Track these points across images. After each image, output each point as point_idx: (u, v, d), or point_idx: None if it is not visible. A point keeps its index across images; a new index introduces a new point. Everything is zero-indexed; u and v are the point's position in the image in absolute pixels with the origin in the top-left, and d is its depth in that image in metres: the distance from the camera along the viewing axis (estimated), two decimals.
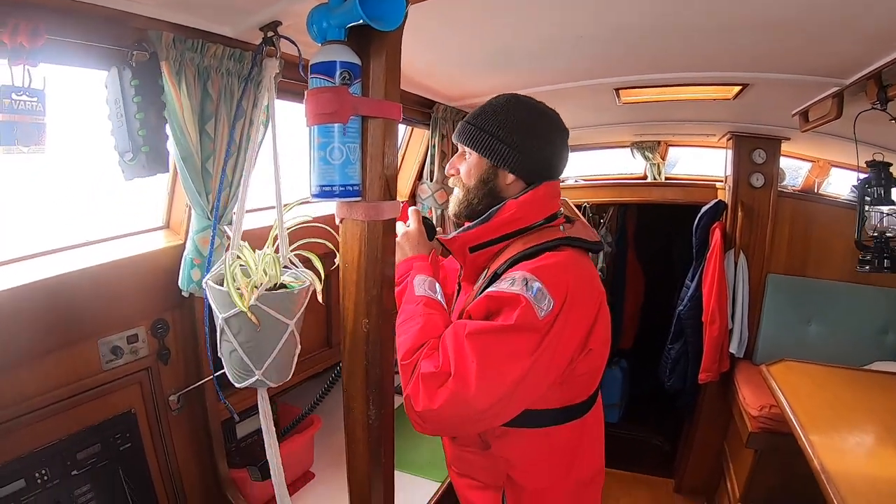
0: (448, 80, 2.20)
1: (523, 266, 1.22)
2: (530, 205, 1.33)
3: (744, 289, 3.29)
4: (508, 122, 1.34)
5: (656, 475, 3.88)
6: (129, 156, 1.19)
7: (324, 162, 1.04)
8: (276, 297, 1.06)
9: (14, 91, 0.99)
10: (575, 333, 1.23)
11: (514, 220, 1.32)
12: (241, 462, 1.79)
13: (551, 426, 1.34)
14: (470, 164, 1.39)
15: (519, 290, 1.16)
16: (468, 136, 1.37)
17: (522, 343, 1.15)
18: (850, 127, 2.17)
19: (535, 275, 1.18)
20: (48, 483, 1.34)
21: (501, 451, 1.35)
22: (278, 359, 1.09)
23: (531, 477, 1.37)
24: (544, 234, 1.32)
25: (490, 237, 1.34)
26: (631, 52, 1.88)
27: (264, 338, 1.06)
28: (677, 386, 3.59)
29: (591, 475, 1.47)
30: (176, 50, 1.19)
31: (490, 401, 1.13)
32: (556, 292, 1.17)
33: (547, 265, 1.21)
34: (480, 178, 1.37)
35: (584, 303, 1.23)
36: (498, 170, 1.36)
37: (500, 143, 1.33)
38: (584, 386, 1.36)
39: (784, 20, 1.50)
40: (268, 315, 1.04)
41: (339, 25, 1.03)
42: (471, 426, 1.22)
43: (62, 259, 1.45)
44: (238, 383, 1.10)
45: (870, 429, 2.09)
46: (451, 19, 1.49)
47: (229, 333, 1.05)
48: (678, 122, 3.35)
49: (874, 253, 2.33)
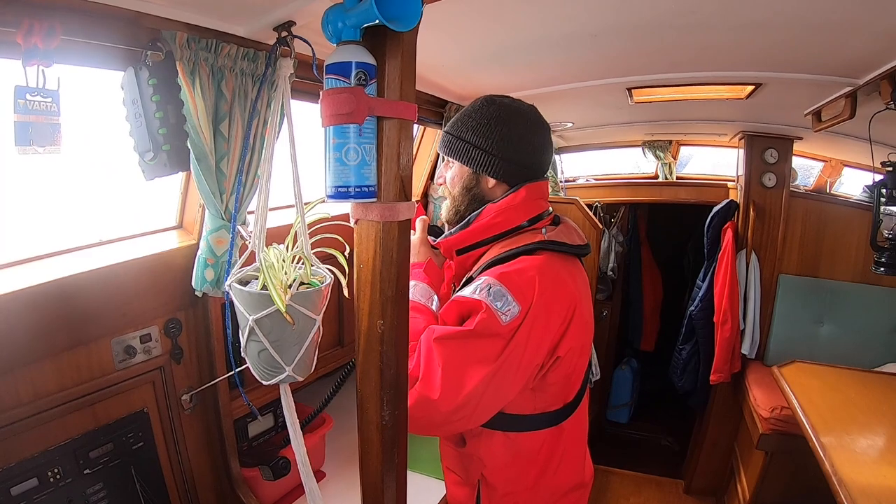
0: (460, 79, 2.19)
1: (492, 272, 1.25)
2: (509, 209, 1.35)
3: (755, 289, 3.28)
4: (482, 127, 1.35)
5: (666, 476, 3.88)
6: (149, 155, 1.20)
7: (339, 163, 1.03)
8: (307, 294, 1.07)
9: (28, 92, 0.99)
10: (543, 340, 1.24)
11: (492, 224, 1.35)
12: (253, 461, 1.79)
13: (523, 431, 1.35)
14: (454, 173, 1.43)
15: (481, 297, 1.19)
16: (447, 146, 1.41)
17: (485, 348, 1.18)
18: (863, 127, 2.16)
19: (501, 280, 1.21)
20: (61, 482, 1.34)
21: (475, 449, 1.38)
22: (305, 354, 1.11)
23: (502, 479, 1.39)
24: (523, 237, 1.34)
25: (471, 242, 1.38)
26: (644, 52, 1.87)
27: (295, 335, 1.07)
28: (688, 386, 3.58)
29: (569, 487, 1.46)
30: (190, 50, 1.19)
31: (454, 404, 1.17)
32: (521, 298, 1.19)
33: (514, 271, 1.23)
34: (464, 185, 1.41)
35: (552, 309, 1.24)
36: (479, 176, 1.38)
37: (476, 149, 1.35)
38: (557, 394, 1.36)
39: (797, 19, 1.49)
40: (299, 313, 1.05)
41: (355, 26, 1.03)
42: (441, 428, 1.26)
43: (76, 259, 1.46)
44: (266, 381, 1.11)
45: (881, 431, 2.07)
46: (462, 19, 1.48)
47: (260, 334, 1.05)
48: (690, 122, 3.34)
49: (889, 254, 2.31)
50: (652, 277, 4.97)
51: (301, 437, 1.22)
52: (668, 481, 3.83)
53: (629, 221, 4.64)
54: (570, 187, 4.09)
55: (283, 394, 1.19)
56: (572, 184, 4.17)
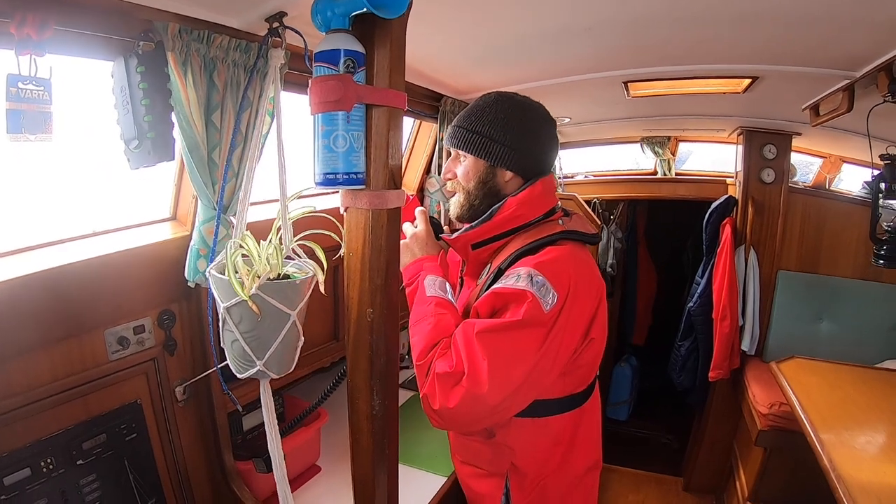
0: (455, 73, 2.19)
1: (526, 262, 1.25)
2: (530, 201, 1.37)
3: (754, 285, 3.26)
4: (499, 121, 1.36)
5: (665, 473, 3.87)
6: (134, 143, 1.20)
7: (328, 150, 1.04)
8: (277, 286, 1.06)
9: (20, 80, 1.00)
10: (578, 324, 1.26)
11: (514, 217, 1.36)
12: (247, 454, 1.79)
13: (552, 415, 1.38)
14: (467, 167, 1.42)
15: (525, 286, 1.19)
16: (462, 140, 1.40)
17: (530, 338, 1.18)
18: (862, 122, 2.15)
19: (539, 270, 1.22)
20: (54, 472, 1.34)
21: (505, 439, 1.39)
22: (280, 350, 1.09)
23: (533, 464, 1.41)
24: (544, 228, 1.36)
25: (492, 234, 1.38)
26: (640, 45, 1.87)
27: (266, 328, 1.06)
28: (687, 383, 3.57)
29: (589, 464, 1.50)
30: (182, 41, 1.19)
31: (502, 396, 1.17)
32: (559, 286, 1.21)
33: (549, 259, 1.25)
34: (479, 179, 1.40)
35: (585, 294, 1.27)
36: (496, 169, 1.39)
37: (494, 143, 1.36)
38: (584, 376, 1.40)
39: (794, 11, 1.49)
40: (269, 305, 1.04)
41: (343, 14, 1.03)
42: (486, 421, 1.26)
43: (70, 249, 1.46)
44: (240, 374, 1.11)
45: (880, 427, 2.06)
46: (457, 12, 1.48)
47: (231, 323, 1.05)
48: (688, 117, 3.33)
49: (889, 247, 2.30)
50: (647, 273, 4.98)
51: (278, 437, 1.22)
52: (667, 479, 3.82)
53: (628, 218, 4.63)
54: (569, 183, 4.08)
55: (262, 390, 1.19)
56: (571, 180, 4.17)
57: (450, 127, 1.44)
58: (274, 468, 1.24)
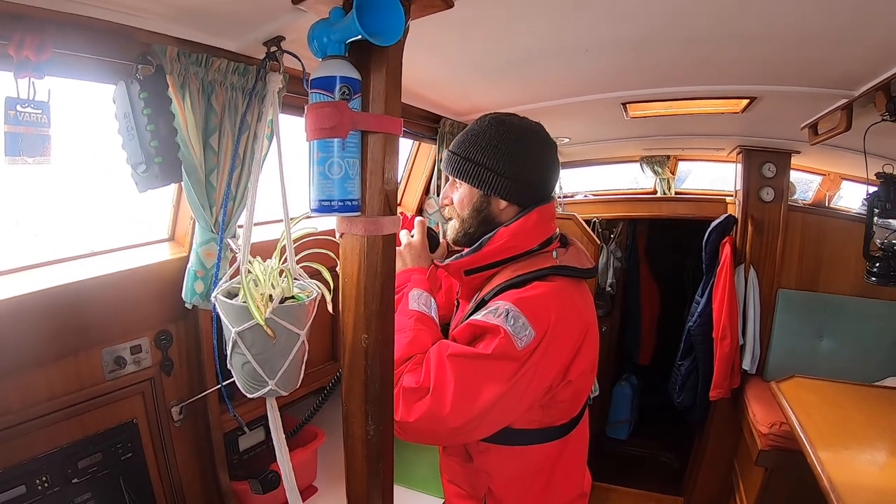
0: (454, 94, 2.20)
1: (508, 296, 1.25)
2: (522, 233, 1.35)
3: (754, 304, 3.26)
4: (492, 148, 1.34)
5: (665, 493, 3.85)
6: (142, 167, 1.21)
7: (323, 177, 1.04)
8: (289, 308, 1.07)
9: (19, 103, 1.00)
10: (554, 364, 1.24)
11: (506, 248, 1.34)
12: (243, 475, 1.79)
13: (532, 445, 1.36)
14: (462, 195, 1.40)
15: (499, 322, 1.19)
16: (455, 167, 1.39)
17: (499, 370, 1.18)
18: (860, 139, 2.15)
19: (518, 306, 1.21)
20: (48, 490, 1.34)
21: (483, 464, 1.38)
22: (289, 368, 1.10)
23: (510, 491, 1.39)
24: (536, 261, 1.33)
25: (482, 263, 1.37)
26: (638, 66, 1.88)
27: (278, 349, 1.07)
28: (687, 402, 3.55)
29: (573, 495, 1.48)
30: (180, 64, 1.20)
31: (463, 420, 1.17)
32: (537, 324, 1.20)
33: (531, 297, 1.24)
34: (473, 207, 1.39)
35: (566, 334, 1.25)
36: (490, 198, 1.37)
37: (488, 171, 1.34)
38: (565, 410, 1.36)
39: (790, 32, 1.49)
40: (281, 327, 1.05)
41: (339, 41, 1.04)
42: (444, 440, 1.29)
43: (68, 269, 1.47)
44: (250, 394, 1.11)
45: (881, 446, 2.05)
46: (456, 33, 1.49)
47: (242, 346, 1.05)
48: (687, 137, 3.33)
49: (882, 265, 2.31)
50: (650, 292, 4.96)
51: (287, 453, 1.22)
52: (667, 498, 3.79)
53: (628, 237, 4.63)
54: (569, 203, 4.08)
55: (269, 408, 1.19)
56: (570, 199, 4.17)
57: (446, 152, 1.43)
58: (285, 482, 1.24)
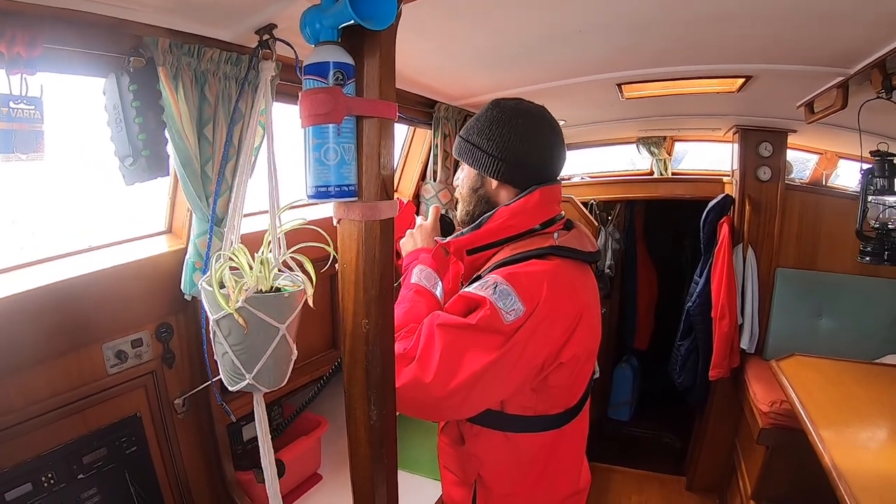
0: (448, 78, 2.19)
1: (500, 271, 1.25)
2: (523, 212, 1.35)
3: (753, 283, 3.27)
4: (484, 130, 1.37)
5: (667, 473, 3.87)
6: (129, 160, 1.20)
7: (319, 163, 1.04)
8: (264, 299, 1.05)
9: (12, 100, 1.00)
10: (545, 343, 1.23)
11: (504, 227, 1.35)
12: (248, 464, 1.79)
13: (523, 433, 1.35)
14: (464, 175, 1.46)
15: (486, 294, 1.20)
16: (456, 148, 1.45)
17: (484, 341, 1.19)
18: (856, 117, 2.14)
19: (508, 280, 1.22)
20: (55, 487, 1.34)
21: (473, 448, 1.38)
22: (270, 364, 1.08)
23: (500, 479, 1.39)
24: (535, 241, 1.34)
25: (483, 242, 1.38)
26: (632, 47, 1.87)
27: (254, 341, 1.05)
28: (687, 383, 3.57)
29: (569, 492, 1.47)
30: (173, 55, 1.20)
31: (446, 390, 1.18)
32: (527, 299, 1.20)
33: (524, 272, 1.24)
34: (471, 187, 1.43)
35: (557, 314, 1.23)
36: (483, 178, 1.40)
37: (480, 151, 1.37)
38: (560, 397, 1.35)
39: (786, 9, 1.48)
40: (256, 318, 1.03)
41: (332, 26, 1.03)
42: (429, 411, 1.27)
43: (66, 264, 1.46)
44: (231, 387, 1.10)
45: (882, 423, 2.07)
46: (449, 17, 1.48)
47: (220, 336, 1.05)
48: (683, 117, 3.33)
49: (875, 244, 2.31)
50: (647, 275, 4.97)
51: (271, 451, 1.22)
52: (669, 478, 3.82)
53: (625, 219, 4.63)
54: (566, 185, 4.08)
55: (255, 403, 1.18)
56: (567, 182, 4.16)
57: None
58: (266, 481, 1.24)
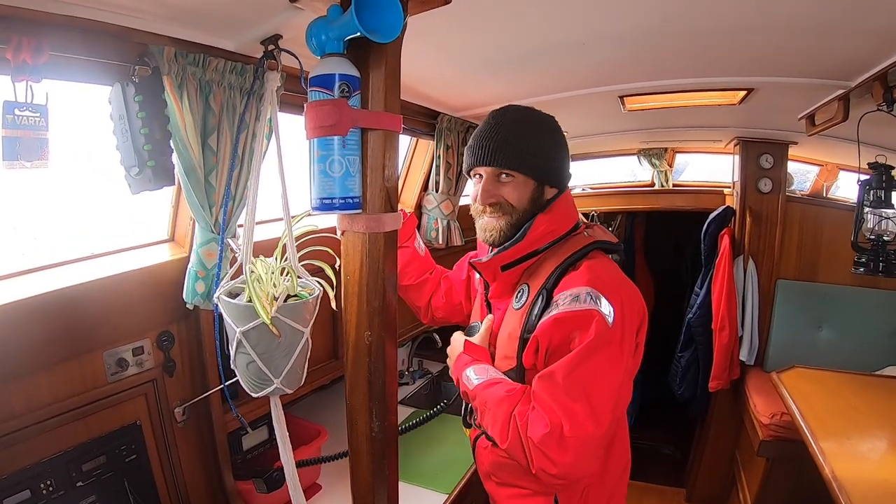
0: (451, 90, 2.20)
1: (576, 280, 1.24)
2: (558, 216, 1.36)
3: (753, 295, 3.27)
4: (539, 138, 1.36)
5: (667, 485, 3.85)
6: (135, 170, 1.20)
7: (324, 175, 1.04)
8: (294, 307, 1.07)
9: (17, 107, 1.00)
10: (633, 331, 1.26)
11: (547, 233, 1.34)
12: (247, 474, 1.79)
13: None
14: (518, 188, 1.35)
15: (589, 306, 1.18)
16: (510, 159, 1.33)
17: (608, 358, 1.17)
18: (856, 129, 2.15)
19: (593, 286, 1.21)
20: (53, 494, 1.33)
21: None
22: (294, 366, 1.11)
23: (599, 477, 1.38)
24: (571, 242, 1.34)
25: (523, 254, 1.35)
26: (634, 59, 1.88)
27: (282, 347, 1.07)
28: (688, 394, 3.57)
29: (621, 467, 1.48)
30: (178, 64, 1.20)
31: (606, 423, 1.16)
32: (613, 298, 1.20)
33: (598, 275, 1.24)
34: (531, 198, 1.36)
35: (632, 301, 1.27)
36: (544, 187, 1.37)
37: (542, 160, 1.35)
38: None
39: (787, 23, 1.49)
40: (286, 325, 1.06)
41: (338, 38, 1.04)
42: (600, 453, 1.21)
43: (68, 272, 1.46)
44: (255, 393, 1.12)
45: (882, 435, 2.06)
46: (453, 29, 1.49)
47: (247, 346, 1.06)
48: (684, 129, 3.34)
49: (870, 255, 2.30)
50: (645, 286, 4.95)
51: (291, 451, 1.22)
52: (669, 490, 3.79)
53: (625, 230, 4.63)
54: None
55: (273, 406, 1.19)
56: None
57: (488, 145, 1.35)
58: (288, 480, 1.24)
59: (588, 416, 1.12)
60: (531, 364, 1.27)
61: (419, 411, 1.57)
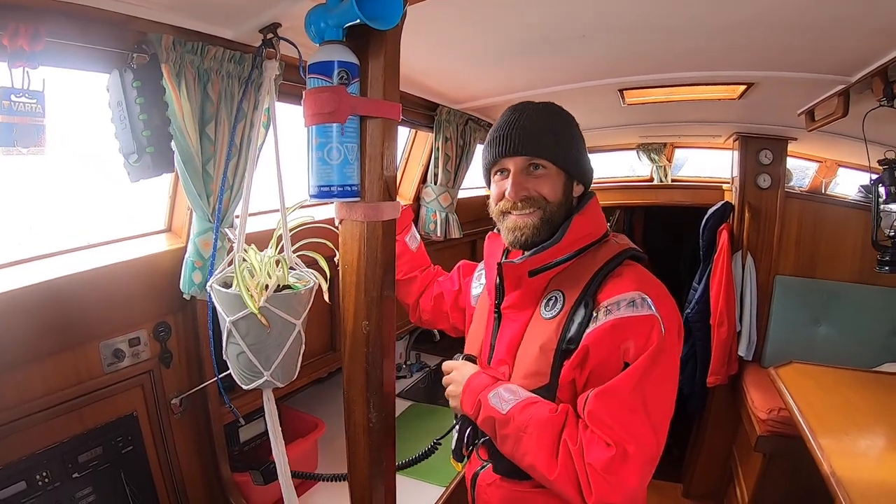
0: (451, 82, 2.19)
1: (619, 286, 1.16)
2: (596, 219, 1.30)
3: (752, 291, 3.27)
4: (565, 128, 1.29)
5: (664, 480, 3.83)
6: (134, 157, 1.20)
7: (322, 162, 1.04)
8: (284, 297, 1.06)
9: (13, 93, 0.99)
10: (681, 340, 1.20)
11: (584, 236, 1.26)
12: (244, 466, 1.79)
13: None
14: (551, 179, 1.26)
15: (648, 311, 1.11)
16: (542, 148, 1.25)
17: (666, 370, 1.11)
18: (857, 126, 2.15)
19: (643, 291, 1.14)
20: (49, 485, 1.33)
21: None
22: (286, 359, 1.09)
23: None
24: (606, 248, 1.26)
25: (557, 257, 1.24)
26: (635, 52, 1.87)
27: (273, 338, 1.06)
28: (686, 390, 3.56)
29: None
30: (176, 52, 1.19)
31: (664, 435, 1.09)
32: (661, 304, 1.14)
33: (644, 281, 1.17)
34: (563, 193, 1.27)
35: (676, 309, 1.19)
36: (573, 183, 1.29)
37: (574, 151, 1.28)
38: None
39: (787, 18, 1.49)
40: (276, 316, 1.04)
41: (337, 25, 1.03)
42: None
43: (64, 262, 1.45)
44: (246, 385, 1.11)
45: (880, 431, 2.06)
46: (453, 20, 1.48)
47: (237, 336, 1.05)
48: (684, 124, 3.33)
49: (893, 253, 2.28)
50: None
51: (283, 445, 1.22)
52: (666, 485, 3.79)
53: (624, 225, 4.62)
54: None
55: (265, 399, 1.18)
56: None
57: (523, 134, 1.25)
58: (280, 476, 1.24)
59: (651, 434, 1.05)
60: (570, 379, 1.16)
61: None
